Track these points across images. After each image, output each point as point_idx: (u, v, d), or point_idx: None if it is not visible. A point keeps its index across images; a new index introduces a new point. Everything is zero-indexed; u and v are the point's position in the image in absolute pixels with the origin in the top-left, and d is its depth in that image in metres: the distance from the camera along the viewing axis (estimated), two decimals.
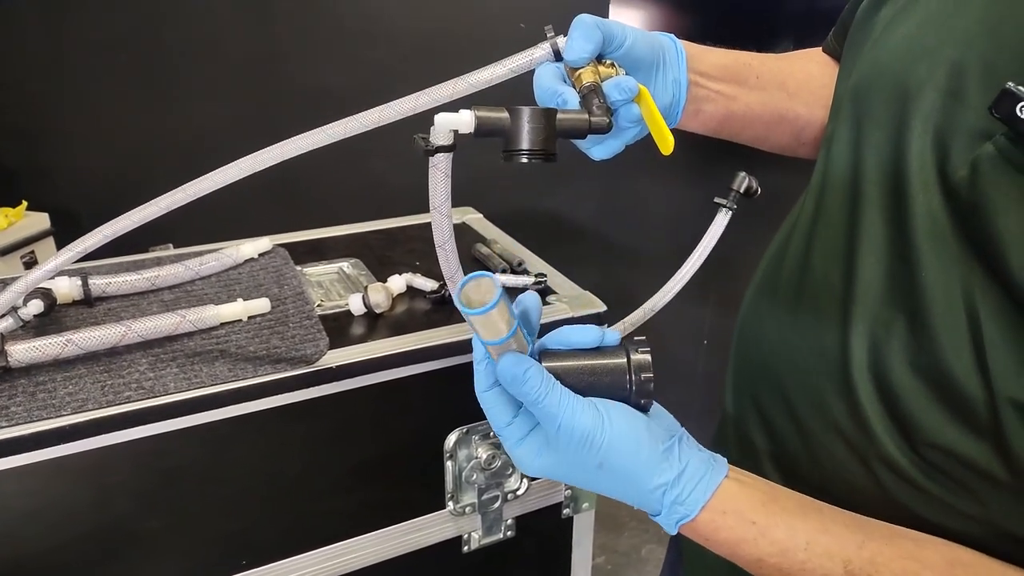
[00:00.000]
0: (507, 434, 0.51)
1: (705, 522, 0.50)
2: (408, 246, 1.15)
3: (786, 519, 0.50)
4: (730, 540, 0.50)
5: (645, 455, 0.49)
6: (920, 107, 0.51)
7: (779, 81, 0.73)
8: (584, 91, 0.57)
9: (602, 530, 2.14)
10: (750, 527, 0.50)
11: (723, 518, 0.50)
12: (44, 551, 0.76)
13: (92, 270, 0.97)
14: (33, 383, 0.76)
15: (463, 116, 0.52)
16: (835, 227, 0.57)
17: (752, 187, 0.82)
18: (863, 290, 0.53)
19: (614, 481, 0.50)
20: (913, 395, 0.50)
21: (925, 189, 0.49)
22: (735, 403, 0.69)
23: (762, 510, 0.50)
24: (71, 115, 2.25)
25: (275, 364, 0.81)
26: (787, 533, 0.49)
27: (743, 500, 0.50)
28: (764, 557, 0.50)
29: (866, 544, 0.49)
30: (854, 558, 0.48)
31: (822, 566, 0.48)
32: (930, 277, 0.49)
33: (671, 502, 0.50)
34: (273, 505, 0.87)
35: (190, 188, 0.63)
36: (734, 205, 0.82)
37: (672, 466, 0.50)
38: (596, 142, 0.62)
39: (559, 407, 0.48)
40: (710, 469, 0.51)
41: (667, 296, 0.88)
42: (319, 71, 2.12)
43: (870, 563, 0.48)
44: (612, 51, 0.60)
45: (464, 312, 0.46)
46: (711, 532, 0.51)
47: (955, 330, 0.47)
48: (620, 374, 0.50)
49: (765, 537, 0.49)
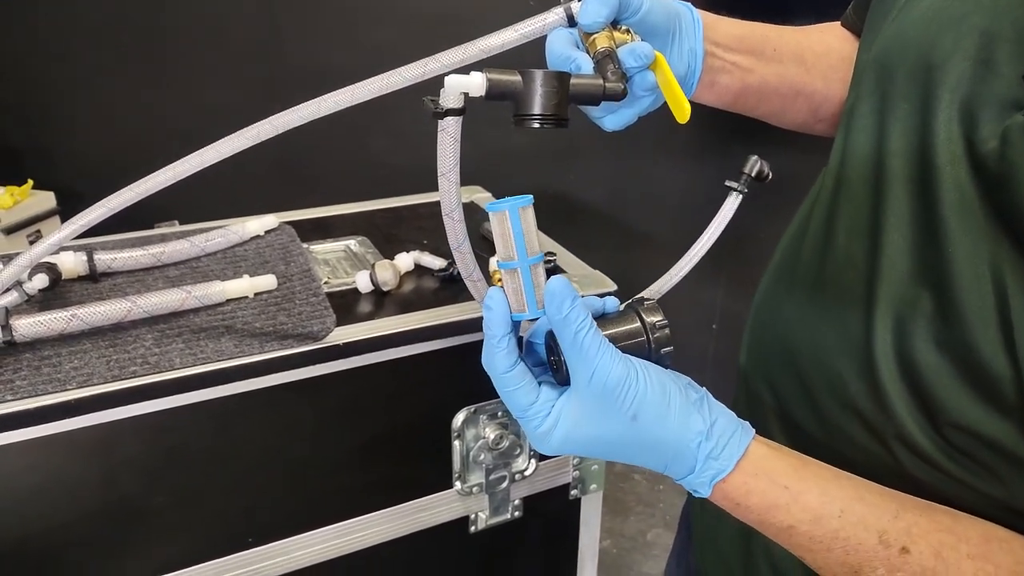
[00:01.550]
0: (532, 412, 0.49)
1: (737, 484, 0.48)
2: (415, 224, 1.14)
3: (820, 484, 0.48)
4: (761, 505, 0.48)
5: (679, 405, 0.48)
6: (947, 77, 0.49)
7: (797, 54, 0.71)
8: (598, 57, 0.55)
9: (608, 514, 2.14)
10: (783, 492, 0.48)
11: (755, 480, 0.48)
12: (49, 526, 0.76)
13: (97, 246, 0.96)
14: (38, 357, 0.76)
15: (474, 78, 0.50)
16: (858, 202, 0.55)
17: (764, 171, 0.81)
18: (888, 266, 0.52)
19: (649, 435, 0.48)
20: (937, 374, 0.49)
21: (952, 162, 0.48)
22: (748, 387, 0.68)
23: (794, 475, 0.48)
24: (76, 95, 2.24)
25: (282, 340, 0.80)
26: (820, 499, 0.48)
27: (776, 463, 0.49)
28: (796, 524, 0.48)
29: (901, 514, 0.47)
30: (889, 528, 0.47)
31: (856, 535, 0.47)
32: (958, 252, 0.47)
33: (706, 456, 0.48)
34: (278, 483, 0.86)
35: (193, 159, 0.61)
36: (745, 189, 0.81)
37: (705, 418, 0.48)
38: (609, 111, 0.61)
39: (598, 351, 0.47)
40: (740, 426, 0.49)
41: (674, 279, 0.86)
42: (321, 51, 2.10)
43: (906, 533, 0.46)
44: (628, 17, 0.59)
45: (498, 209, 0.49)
46: (742, 496, 0.49)
47: (982, 307, 0.46)
48: (637, 333, 0.50)
49: (798, 503, 0.48)
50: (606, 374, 0.47)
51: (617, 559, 2.02)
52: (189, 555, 0.83)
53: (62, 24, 2.15)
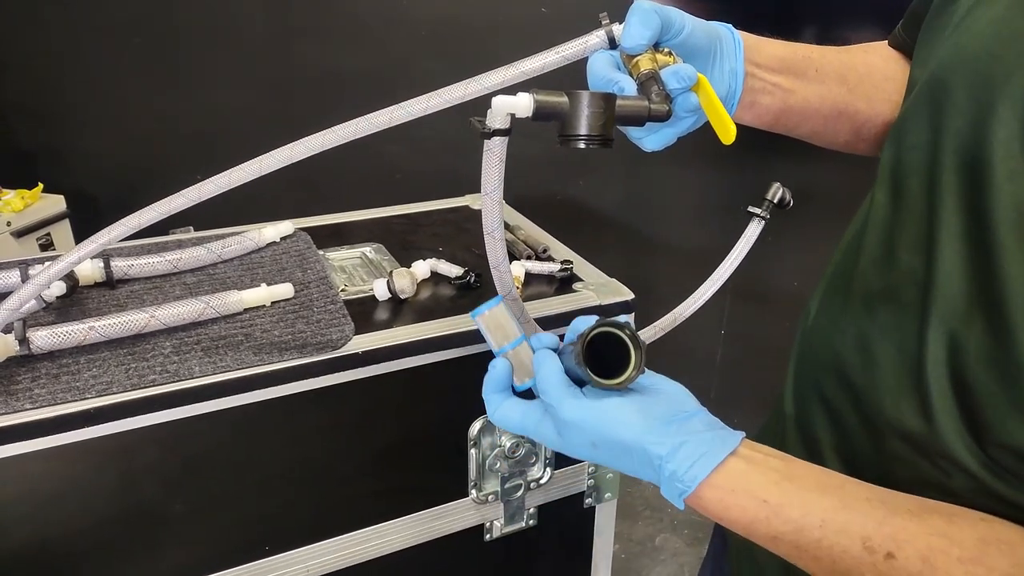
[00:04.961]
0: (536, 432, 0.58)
1: (713, 500, 0.51)
2: (431, 231, 1.14)
3: (801, 496, 0.50)
4: (742, 519, 0.50)
5: (637, 432, 0.52)
6: (1008, 92, 0.48)
7: (839, 74, 0.70)
8: (642, 78, 0.55)
9: (616, 518, 2.13)
10: (762, 506, 0.50)
11: (732, 497, 0.50)
12: (67, 534, 0.76)
13: (114, 252, 0.96)
14: (57, 365, 0.76)
15: (521, 99, 0.51)
16: (915, 217, 0.55)
17: (786, 198, 0.81)
18: (943, 282, 0.51)
19: (609, 459, 0.54)
20: (986, 392, 0.48)
21: (1011, 178, 0.47)
22: (797, 403, 0.68)
23: (775, 489, 0.50)
24: (86, 98, 2.24)
25: (301, 349, 0.80)
26: (801, 511, 0.49)
27: (753, 479, 0.50)
28: (778, 535, 0.50)
29: (888, 520, 0.48)
30: (873, 534, 0.47)
31: (839, 543, 0.48)
32: (1013, 270, 0.47)
33: (668, 477, 0.51)
34: (296, 491, 0.86)
35: (220, 179, 0.61)
36: (767, 215, 0.81)
37: (668, 441, 0.51)
38: (651, 132, 0.61)
39: (561, 397, 0.55)
40: (712, 447, 0.51)
41: (697, 303, 0.87)
42: (334, 55, 2.10)
43: (891, 539, 0.47)
44: (670, 39, 0.59)
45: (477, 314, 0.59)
46: (721, 510, 0.51)
47: None
48: (577, 354, 0.54)
49: (779, 516, 0.49)
50: (560, 417, 0.55)
51: (626, 564, 2.02)
52: (206, 563, 0.83)
53: (71, 26, 2.16)
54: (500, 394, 0.60)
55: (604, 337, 0.54)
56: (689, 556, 2.05)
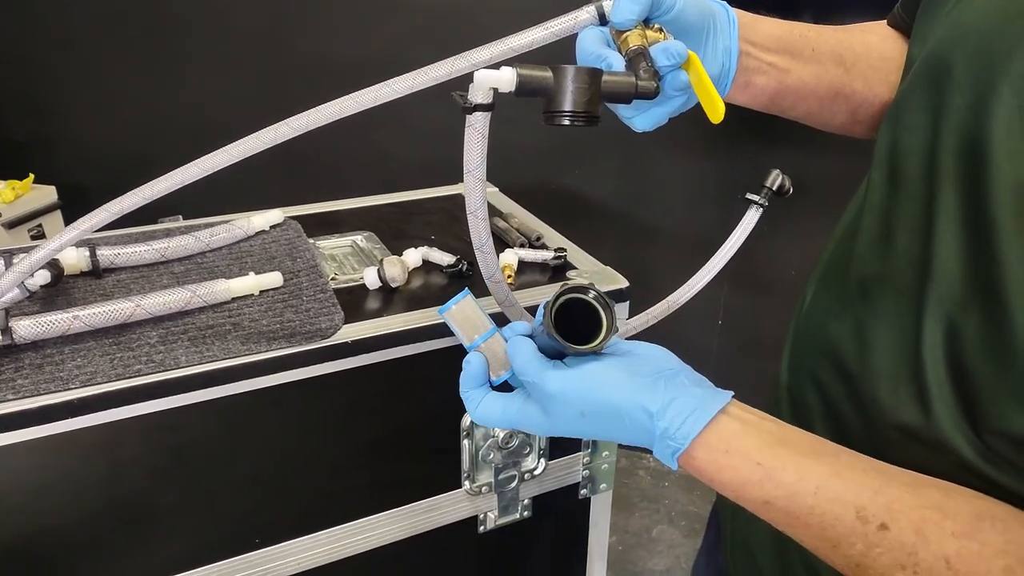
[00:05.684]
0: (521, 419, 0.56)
1: (706, 461, 0.50)
2: (423, 219, 1.13)
3: (796, 460, 0.49)
4: (735, 481, 0.50)
5: (626, 392, 0.51)
6: (1009, 70, 0.47)
7: (836, 54, 0.69)
8: (630, 55, 0.54)
9: (612, 510, 2.12)
10: (755, 468, 0.49)
11: (725, 457, 0.50)
12: (53, 527, 0.75)
13: (100, 241, 0.94)
14: (40, 355, 0.74)
15: (504, 73, 0.49)
16: (913, 199, 0.54)
17: (785, 185, 0.80)
18: (940, 266, 0.50)
19: (599, 430, 0.53)
20: (983, 379, 0.47)
21: (1012, 158, 0.46)
22: (791, 389, 0.67)
23: (768, 451, 0.49)
24: (78, 88, 2.22)
25: (289, 338, 0.79)
26: (796, 476, 0.48)
27: (748, 440, 0.50)
28: (771, 500, 0.49)
29: (883, 490, 0.47)
30: (868, 504, 0.46)
31: (832, 511, 0.47)
32: (1011, 255, 0.45)
33: (660, 435, 0.50)
34: (286, 483, 0.85)
35: (205, 162, 0.59)
36: (766, 202, 0.80)
37: (658, 398, 0.51)
38: (640, 110, 0.59)
39: (539, 374, 0.54)
40: (703, 403, 0.50)
41: (692, 291, 0.85)
42: (328, 43, 2.08)
43: (886, 509, 0.46)
44: (661, 15, 0.57)
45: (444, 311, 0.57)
46: (714, 472, 0.50)
47: None
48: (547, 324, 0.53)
49: (772, 480, 0.48)
50: (544, 387, 0.54)
51: (622, 555, 2.02)
52: (196, 556, 0.82)
53: (64, 15, 2.14)
54: (478, 390, 0.59)
55: (571, 305, 0.53)
56: (685, 547, 2.05)
